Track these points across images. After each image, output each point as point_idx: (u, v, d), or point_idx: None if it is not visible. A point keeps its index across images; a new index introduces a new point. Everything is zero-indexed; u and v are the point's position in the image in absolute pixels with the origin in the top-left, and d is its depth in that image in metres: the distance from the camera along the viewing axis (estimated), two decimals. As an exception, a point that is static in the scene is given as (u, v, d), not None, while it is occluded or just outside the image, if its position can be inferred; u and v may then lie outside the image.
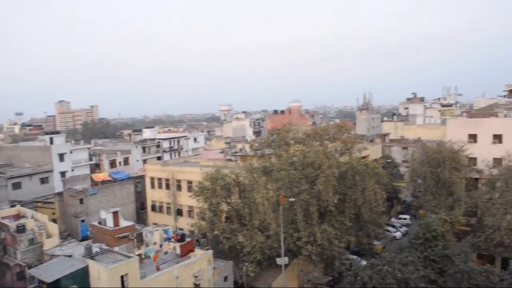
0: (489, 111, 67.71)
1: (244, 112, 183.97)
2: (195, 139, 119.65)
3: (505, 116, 59.84)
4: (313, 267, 42.21)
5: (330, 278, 45.87)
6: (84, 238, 48.73)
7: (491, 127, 53.86)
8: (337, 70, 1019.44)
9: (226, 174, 45.14)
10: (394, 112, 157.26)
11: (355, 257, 50.09)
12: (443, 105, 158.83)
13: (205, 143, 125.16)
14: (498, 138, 52.90)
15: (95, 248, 37.51)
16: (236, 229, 43.59)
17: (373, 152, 72.26)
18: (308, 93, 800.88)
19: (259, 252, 41.28)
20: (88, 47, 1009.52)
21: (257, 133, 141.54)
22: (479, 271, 39.29)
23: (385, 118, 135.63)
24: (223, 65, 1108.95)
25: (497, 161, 51.19)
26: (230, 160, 65.57)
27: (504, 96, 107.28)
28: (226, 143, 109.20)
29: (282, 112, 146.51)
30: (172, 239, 44.34)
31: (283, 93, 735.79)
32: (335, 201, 42.19)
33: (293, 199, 40.30)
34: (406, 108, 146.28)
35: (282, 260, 40.33)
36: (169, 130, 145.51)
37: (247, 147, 66.86)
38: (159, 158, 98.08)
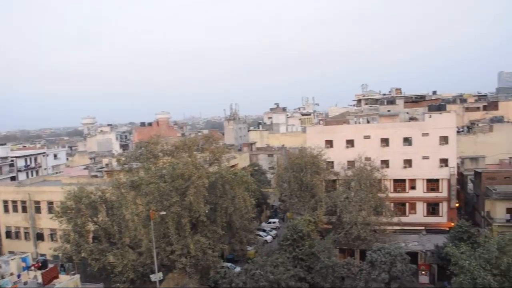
0: (342, 119, 74.04)
1: (109, 125, 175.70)
2: (55, 156, 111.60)
3: (355, 122, 66.22)
4: (189, 279, 41.96)
5: (206, 288, 46.07)
6: None
7: (344, 133, 59.04)
8: (206, 81, 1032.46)
9: (91, 192, 42.80)
10: (260, 121, 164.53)
11: (229, 264, 51.10)
12: (302, 114, 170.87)
13: (67, 159, 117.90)
14: (350, 142, 58.30)
15: None
16: (105, 249, 41.52)
17: (241, 160, 74.58)
18: (177, 104, 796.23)
19: (131, 270, 39.71)
20: None
21: (124, 147, 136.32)
22: (341, 264, 43.47)
23: (251, 128, 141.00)
24: (88, 76, 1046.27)
25: (351, 164, 56.45)
26: (95, 176, 62.26)
27: (354, 105, 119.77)
28: (91, 159, 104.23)
29: (150, 124, 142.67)
30: (32, 267, 40.73)
31: (151, 104, 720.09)
32: (207, 211, 42.68)
33: (164, 213, 39.68)
34: (270, 118, 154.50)
35: (156, 276, 39.37)
36: (24, 146, 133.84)
37: (113, 162, 64.14)
38: (13, 178, 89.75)
